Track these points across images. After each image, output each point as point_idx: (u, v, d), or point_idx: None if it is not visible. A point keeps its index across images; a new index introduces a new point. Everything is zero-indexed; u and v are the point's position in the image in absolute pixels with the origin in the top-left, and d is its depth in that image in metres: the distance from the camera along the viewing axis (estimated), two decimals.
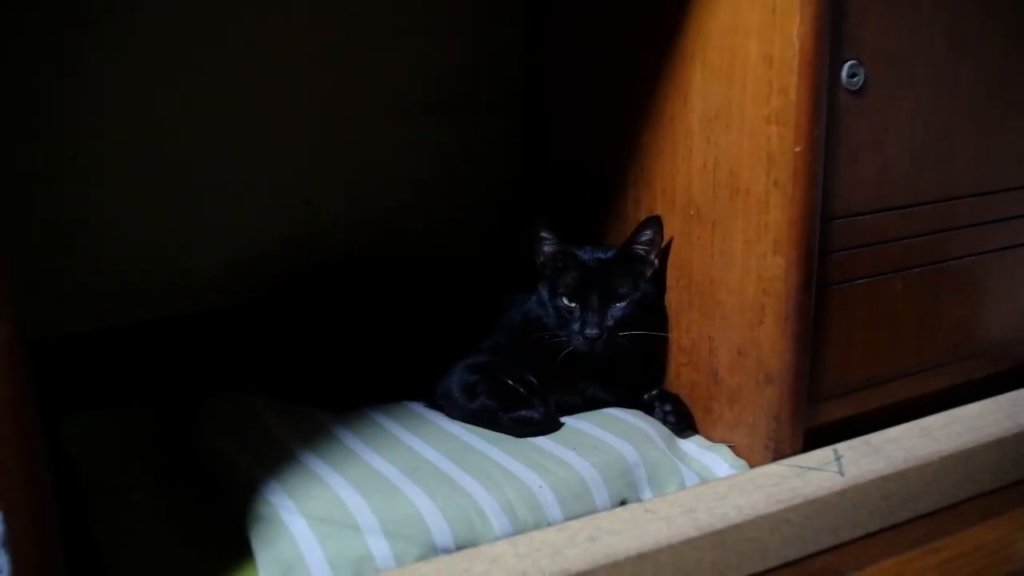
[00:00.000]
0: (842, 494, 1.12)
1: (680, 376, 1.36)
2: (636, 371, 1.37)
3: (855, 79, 1.16)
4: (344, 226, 1.61)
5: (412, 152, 1.66)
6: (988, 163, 1.34)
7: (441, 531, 1.04)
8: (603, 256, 1.32)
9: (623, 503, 1.15)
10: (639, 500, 1.16)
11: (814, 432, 1.24)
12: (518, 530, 1.07)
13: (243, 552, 1.04)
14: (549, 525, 1.08)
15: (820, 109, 1.12)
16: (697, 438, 1.32)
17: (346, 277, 1.47)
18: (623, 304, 1.29)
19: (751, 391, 1.23)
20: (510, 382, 1.31)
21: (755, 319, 1.20)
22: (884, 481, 1.15)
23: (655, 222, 1.31)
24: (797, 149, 1.11)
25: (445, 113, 1.67)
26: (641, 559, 0.99)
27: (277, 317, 1.44)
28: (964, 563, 1.10)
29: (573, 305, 1.29)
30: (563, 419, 1.30)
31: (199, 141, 1.48)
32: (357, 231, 1.63)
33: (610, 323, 1.28)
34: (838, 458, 1.18)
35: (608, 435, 1.24)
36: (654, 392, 1.36)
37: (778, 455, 1.21)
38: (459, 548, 1.04)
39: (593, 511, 1.11)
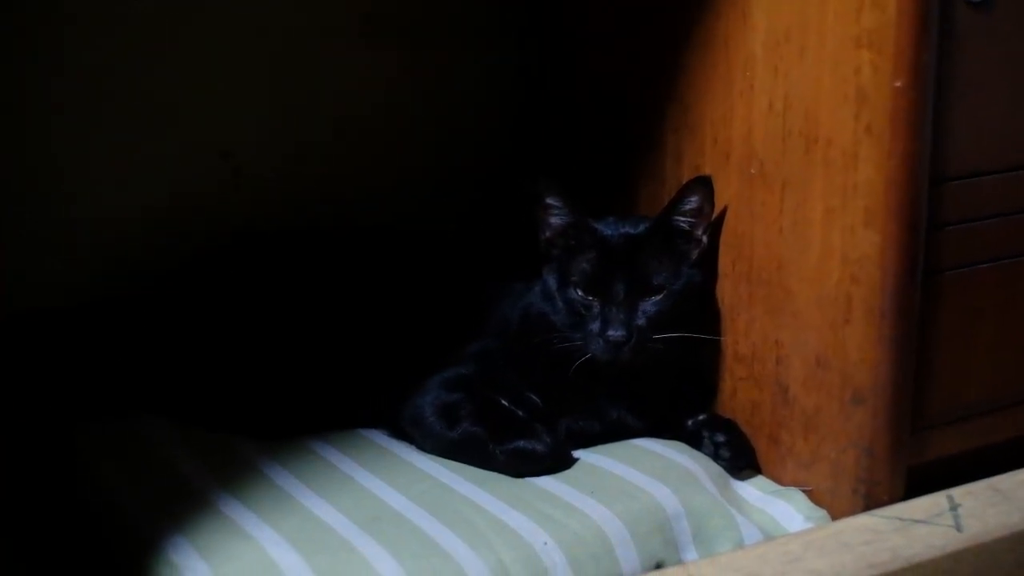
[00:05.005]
0: (959, 556, 1.11)
1: (737, 395, 1.36)
2: (676, 388, 1.37)
3: None
4: (274, 186, 1.62)
5: (367, 88, 1.66)
6: None
7: None
8: (632, 231, 1.32)
9: (659, 566, 1.15)
10: (680, 562, 1.16)
11: (920, 472, 1.24)
12: None
13: None
14: None
15: (930, 28, 1.11)
16: (760, 479, 1.33)
17: (279, 256, 1.48)
18: (659, 297, 1.29)
19: (834, 415, 1.22)
20: (504, 402, 1.31)
21: (839, 317, 1.20)
22: (1017, 540, 1.14)
23: (703, 184, 1.30)
24: (897, 84, 1.11)
25: (413, 35, 1.67)
26: None
27: (184, 311, 1.44)
28: None
29: (591, 298, 1.29)
30: (576, 453, 1.31)
31: (77, 70, 1.48)
32: (292, 193, 1.62)
33: (641, 322, 1.28)
34: (954, 507, 1.18)
35: (638, 475, 1.24)
36: (701, 417, 1.36)
37: (871, 502, 1.21)
38: None
39: None
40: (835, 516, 1.23)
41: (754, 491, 1.29)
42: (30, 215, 1.50)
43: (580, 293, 1.30)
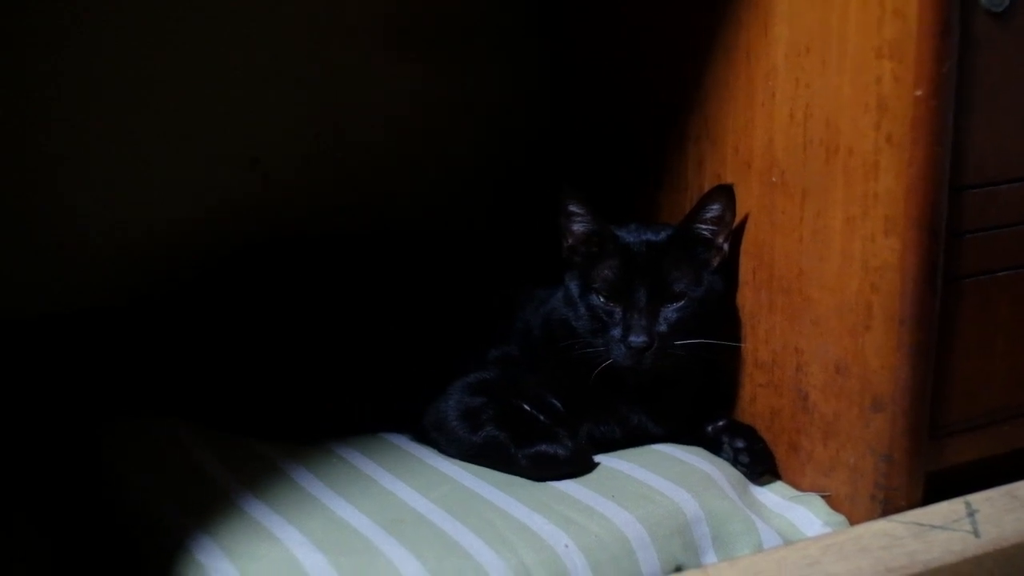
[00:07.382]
0: (978, 562, 1.11)
1: (757, 401, 1.37)
2: (696, 394, 1.38)
3: None
4: (302, 192, 1.62)
5: (390, 95, 1.67)
6: None
7: None
8: (654, 239, 1.33)
9: (678, 570, 1.16)
10: (700, 565, 1.16)
11: (939, 477, 1.24)
12: None
13: None
14: None
15: (950, 37, 1.11)
16: (779, 485, 1.33)
17: (302, 261, 1.49)
18: (680, 304, 1.30)
19: (853, 421, 1.23)
20: (526, 407, 1.32)
21: (859, 324, 1.20)
22: None
23: (725, 193, 1.31)
24: (918, 93, 1.11)
25: (438, 42, 1.68)
26: None
27: (209, 314, 1.44)
28: None
29: (613, 305, 1.30)
30: (598, 457, 1.32)
31: (105, 78, 1.49)
32: (320, 198, 1.63)
33: (663, 329, 1.28)
34: (972, 513, 1.17)
35: (659, 479, 1.24)
36: (721, 423, 1.36)
37: (889, 508, 1.21)
38: None
39: None
40: (853, 521, 1.24)
41: (773, 496, 1.30)
42: (58, 223, 1.51)
43: (602, 299, 1.31)
